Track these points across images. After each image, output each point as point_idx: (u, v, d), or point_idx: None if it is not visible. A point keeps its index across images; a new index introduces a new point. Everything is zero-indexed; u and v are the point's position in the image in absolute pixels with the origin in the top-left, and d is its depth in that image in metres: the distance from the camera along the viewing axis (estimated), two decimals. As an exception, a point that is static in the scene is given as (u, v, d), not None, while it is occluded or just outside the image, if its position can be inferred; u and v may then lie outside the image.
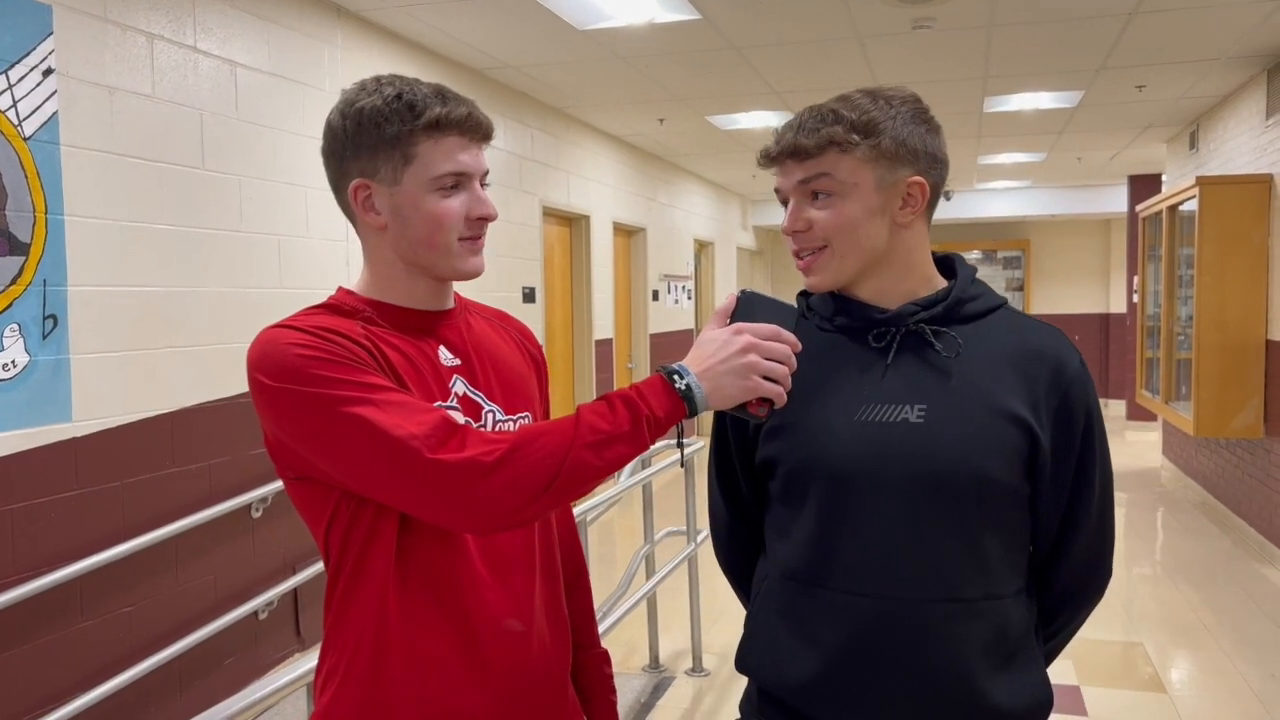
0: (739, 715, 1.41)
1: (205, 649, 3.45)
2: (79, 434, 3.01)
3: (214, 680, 3.53)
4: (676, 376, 1.14)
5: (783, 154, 1.27)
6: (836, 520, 1.25)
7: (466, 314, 1.36)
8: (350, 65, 4.29)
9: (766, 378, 1.15)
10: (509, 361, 1.37)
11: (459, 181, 1.22)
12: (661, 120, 7.02)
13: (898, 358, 1.27)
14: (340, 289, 1.30)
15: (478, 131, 1.23)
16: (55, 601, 2.92)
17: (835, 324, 1.33)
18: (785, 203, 1.30)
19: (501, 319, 1.46)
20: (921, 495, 1.21)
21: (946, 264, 1.37)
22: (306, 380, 1.11)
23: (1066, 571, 1.32)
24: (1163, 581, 5.32)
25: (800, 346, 1.18)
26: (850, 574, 1.24)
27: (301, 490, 1.22)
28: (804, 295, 1.40)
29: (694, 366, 1.15)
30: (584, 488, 1.12)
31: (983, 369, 1.25)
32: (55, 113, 2.92)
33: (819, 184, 1.25)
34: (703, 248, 10.64)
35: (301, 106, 3.97)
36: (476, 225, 1.24)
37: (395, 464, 1.08)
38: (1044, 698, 1.28)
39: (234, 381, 3.58)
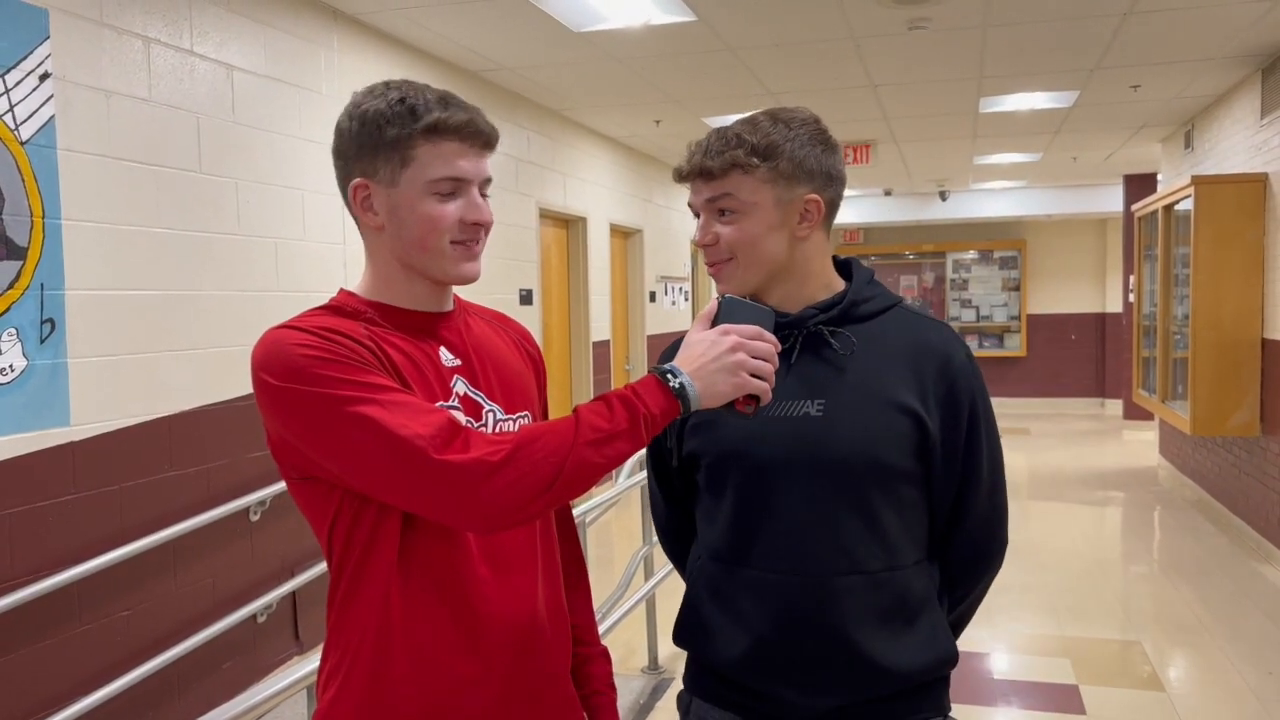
0: (683, 688, 1.54)
1: (204, 652, 3.45)
2: (77, 438, 3.01)
3: (212, 684, 3.53)
4: (670, 376, 1.17)
5: (691, 174, 1.41)
6: (753, 505, 1.39)
7: (466, 315, 1.38)
8: (346, 68, 4.29)
9: (754, 375, 1.20)
10: (508, 362, 1.38)
11: (456, 187, 1.23)
12: (658, 122, 7.03)
13: (800, 357, 1.40)
14: (341, 291, 1.31)
15: (477, 139, 1.24)
16: (54, 605, 2.92)
17: None
18: (697, 215, 1.44)
19: (501, 320, 1.47)
20: (824, 481, 1.36)
21: (846, 268, 1.50)
22: (311, 380, 1.13)
23: (962, 541, 1.45)
24: (1160, 580, 5.33)
25: (780, 347, 1.25)
26: (766, 554, 1.38)
27: (305, 490, 1.23)
28: None
29: (685, 366, 1.19)
30: (585, 485, 1.14)
31: (876, 364, 1.39)
32: (52, 117, 2.92)
33: (724, 202, 1.38)
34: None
35: (298, 110, 3.98)
36: (470, 230, 1.25)
37: (401, 463, 1.10)
38: (945, 653, 1.41)
39: (232, 385, 3.58)
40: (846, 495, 1.35)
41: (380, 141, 1.22)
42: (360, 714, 1.22)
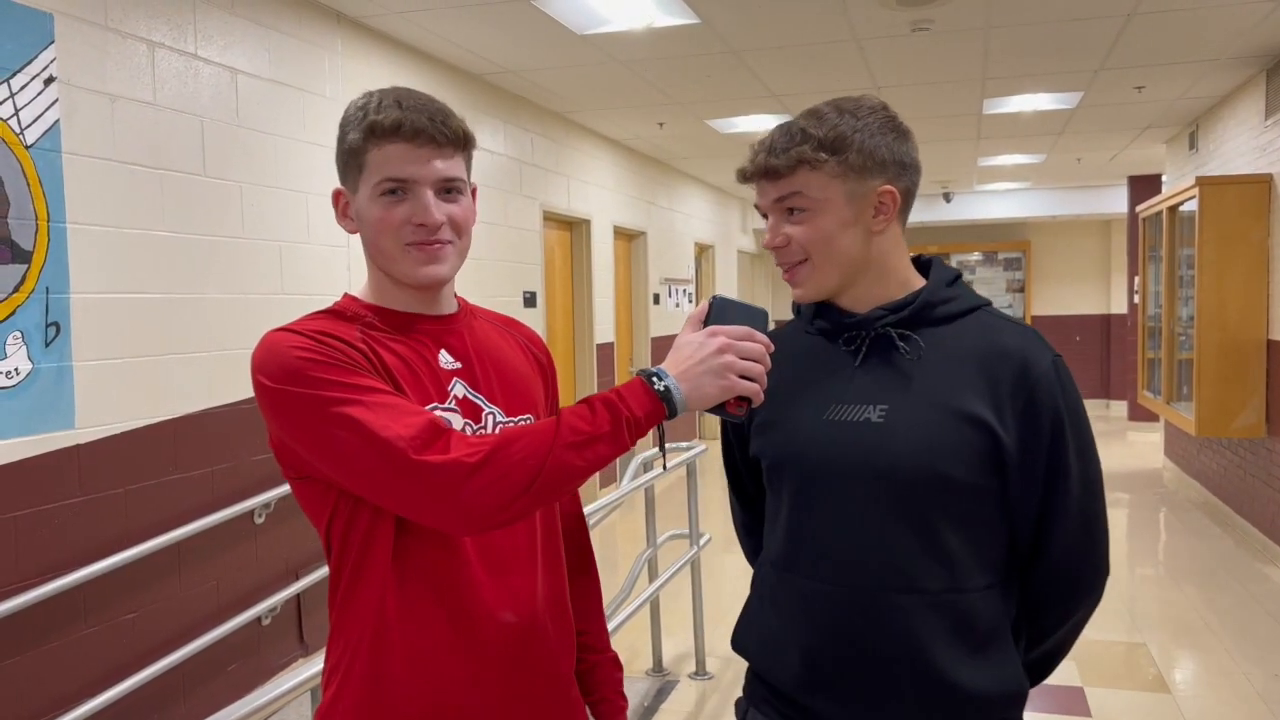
0: (742, 694, 1.49)
1: (208, 655, 3.45)
2: (82, 441, 3.01)
3: (217, 686, 3.53)
4: (655, 379, 1.16)
5: (756, 174, 1.33)
6: (805, 512, 1.34)
7: (471, 318, 1.38)
8: (350, 72, 4.30)
9: (744, 377, 1.18)
10: (512, 365, 1.38)
11: (401, 188, 1.23)
12: (661, 124, 7.03)
13: (865, 360, 1.34)
14: (345, 295, 1.32)
15: (419, 137, 1.22)
16: (60, 608, 2.92)
17: (815, 326, 1.41)
18: (765, 216, 1.37)
19: (509, 324, 1.48)
20: (879, 491, 1.28)
21: (927, 267, 1.42)
22: (302, 382, 1.14)
23: (1047, 570, 1.33)
24: (1166, 582, 5.31)
25: (773, 347, 1.22)
26: (815, 563, 1.33)
27: (304, 489, 1.24)
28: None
29: (672, 369, 1.18)
30: (565, 487, 1.14)
31: (946, 370, 1.30)
32: (57, 121, 2.93)
33: (792, 201, 1.31)
34: (703, 251, 10.64)
35: (302, 113, 3.98)
36: (420, 231, 1.23)
37: (382, 463, 1.11)
38: (1015, 689, 1.30)
39: (236, 387, 3.59)
40: (903, 508, 1.27)
41: (343, 150, 1.25)
42: (358, 713, 1.23)
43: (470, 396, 1.29)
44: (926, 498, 1.27)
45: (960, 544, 1.28)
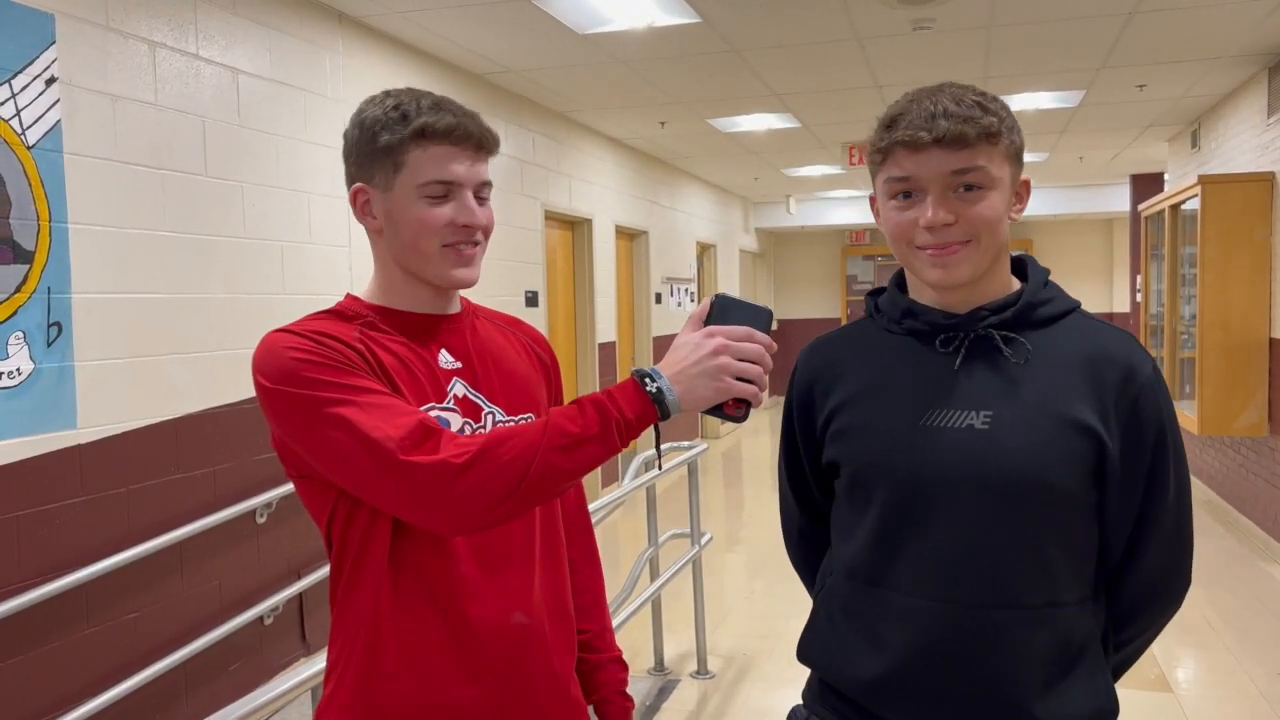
0: (800, 702, 1.42)
1: (210, 654, 3.45)
2: (84, 440, 3.02)
3: (219, 685, 3.53)
4: (649, 379, 1.15)
5: (935, 141, 1.20)
6: (899, 524, 1.26)
7: (474, 318, 1.39)
8: (351, 71, 4.30)
9: (742, 378, 1.16)
10: (514, 365, 1.39)
11: (447, 190, 1.24)
12: (663, 123, 7.03)
13: (965, 363, 1.26)
14: (348, 295, 1.33)
15: (468, 142, 1.25)
16: (62, 607, 2.93)
17: (903, 326, 1.33)
18: (903, 194, 1.24)
19: (512, 324, 1.48)
20: (985, 502, 1.21)
21: (1019, 265, 1.35)
22: (298, 382, 1.16)
23: (1137, 581, 1.29)
24: (1168, 581, 5.30)
25: (774, 347, 1.19)
26: (912, 578, 1.25)
27: (305, 487, 1.26)
28: (873, 295, 1.42)
29: (667, 370, 1.16)
30: (554, 489, 1.14)
31: (1051, 376, 1.24)
32: (58, 121, 2.94)
33: (972, 177, 1.21)
34: (705, 250, 10.64)
35: (303, 113, 3.98)
36: (462, 232, 1.26)
37: (372, 463, 1.12)
38: (1106, 706, 1.27)
39: (238, 387, 3.59)
40: (1010, 519, 1.21)
41: (375, 148, 1.24)
42: (353, 709, 1.25)
43: (470, 396, 1.29)
44: (1034, 508, 1.21)
45: (1060, 557, 1.23)
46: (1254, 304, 5.74)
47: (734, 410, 1.18)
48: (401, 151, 1.23)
